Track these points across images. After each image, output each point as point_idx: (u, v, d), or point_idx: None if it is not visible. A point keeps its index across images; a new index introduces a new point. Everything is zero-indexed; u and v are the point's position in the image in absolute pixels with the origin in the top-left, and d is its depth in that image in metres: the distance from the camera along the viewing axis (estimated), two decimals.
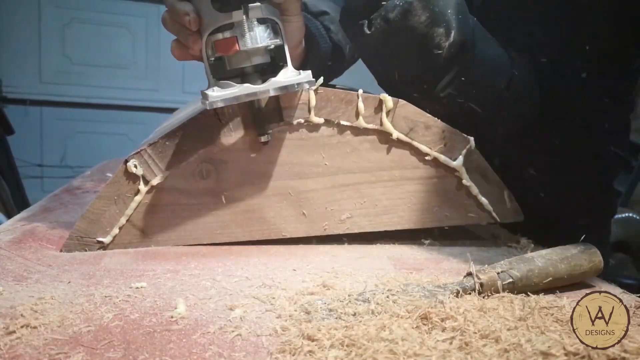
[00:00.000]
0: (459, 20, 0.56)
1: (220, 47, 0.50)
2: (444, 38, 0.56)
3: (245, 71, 0.51)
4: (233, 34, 0.49)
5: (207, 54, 0.51)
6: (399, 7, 0.54)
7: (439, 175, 0.58)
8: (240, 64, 0.51)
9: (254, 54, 0.50)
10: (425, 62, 0.57)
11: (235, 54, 0.50)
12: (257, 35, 0.49)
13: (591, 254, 0.45)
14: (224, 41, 0.49)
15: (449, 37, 0.55)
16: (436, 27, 0.55)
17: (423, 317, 0.35)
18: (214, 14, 0.49)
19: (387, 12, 0.55)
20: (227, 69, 0.51)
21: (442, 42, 0.56)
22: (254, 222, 0.56)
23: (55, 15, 2.80)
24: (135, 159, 0.52)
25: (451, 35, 0.55)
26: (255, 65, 0.51)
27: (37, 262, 0.47)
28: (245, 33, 0.49)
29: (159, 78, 3.03)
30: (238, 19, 0.49)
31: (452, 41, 0.56)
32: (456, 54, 0.57)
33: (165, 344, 0.32)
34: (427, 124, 0.56)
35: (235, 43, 0.49)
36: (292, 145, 0.55)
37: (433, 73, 0.58)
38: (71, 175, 2.48)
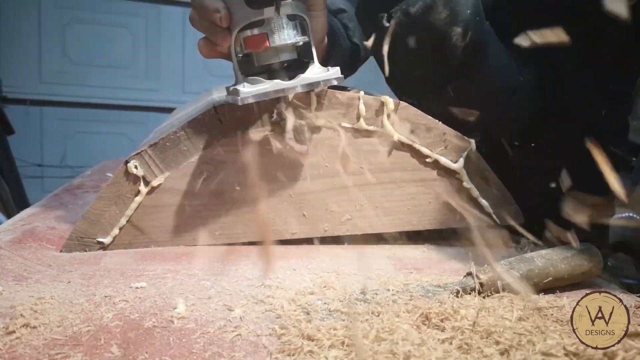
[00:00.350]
0: (476, 23, 0.56)
1: (250, 43, 0.50)
2: (461, 38, 0.55)
3: (272, 68, 0.51)
4: (263, 31, 0.49)
5: (235, 50, 0.51)
6: (421, 1, 0.54)
7: (439, 178, 0.58)
8: (268, 60, 0.51)
9: (282, 51, 0.51)
10: (439, 60, 0.57)
11: (264, 50, 0.50)
12: (286, 31, 0.50)
13: (591, 254, 0.45)
14: (254, 38, 0.50)
15: (465, 39, 0.56)
16: (455, 26, 0.55)
17: (423, 317, 0.35)
18: (245, 10, 0.49)
19: (409, 5, 0.55)
20: (255, 65, 0.51)
21: (458, 43, 0.56)
22: (254, 224, 0.56)
23: (55, 15, 2.80)
24: (135, 159, 0.52)
25: (467, 37, 0.55)
26: (283, 61, 0.51)
27: (37, 262, 0.47)
28: (275, 30, 0.49)
29: (159, 78, 3.03)
30: (269, 16, 0.49)
31: (468, 42, 0.56)
32: (470, 55, 0.57)
33: (165, 344, 0.32)
34: (428, 126, 0.56)
35: (266, 40, 0.49)
36: (293, 146, 0.55)
37: (446, 72, 0.58)
38: (71, 175, 2.48)
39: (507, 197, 0.60)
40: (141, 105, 2.99)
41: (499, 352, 0.30)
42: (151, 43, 2.98)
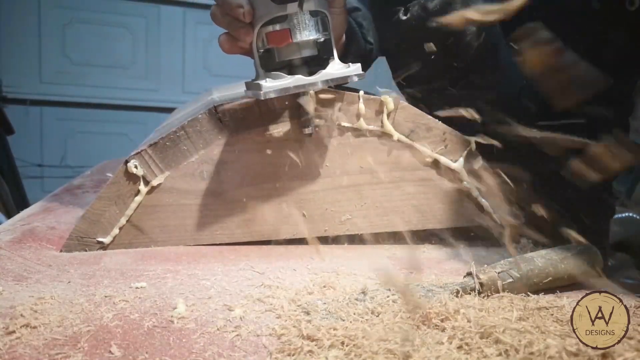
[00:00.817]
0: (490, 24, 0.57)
1: (273, 39, 0.50)
2: (475, 38, 0.56)
3: (293, 63, 0.51)
4: (286, 26, 0.49)
5: (257, 46, 0.51)
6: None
7: (439, 177, 0.58)
8: (290, 56, 0.51)
9: (304, 47, 0.51)
10: (452, 57, 0.57)
11: (286, 46, 0.50)
12: (309, 27, 0.50)
13: (591, 254, 0.45)
14: (277, 33, 0.50)
15: (479, 38, 0.56)
16: (471, 25, 0.55)
17: (423, 317, 0.35)
18: (268, 5, 0.49)
19: (427, 0, 0.55)
20: (276, 60, 0.51)
21: (472, 42, 0.56)
22: (254, 223, 0.56)
23: (55, 15, 2.80)
24: (135, 159, 0.52)
25: (482, 37, 0.56)
26: (304, 57, 0.51)
27: (37, 262, 0.47)
28: (298, 26, 0.49)
29: (159, 78, 3.03)
30: (292, 11, 0.49)
31: (481, 42, 0.56)
32: (482, 56, 0.57)
33: (165, 344, 0.32)
34: (428, 126, 0.56)
35: (289, 35, 0.49)
36: (293, 146, 0.55)
37: (456, 70, 0.58)
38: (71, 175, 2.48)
39: (507, 196, 0.59)
40: (141, 105, 2.99)
41: (499, 352, 0.30)
42: (151, 43, 2.98)
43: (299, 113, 0.54)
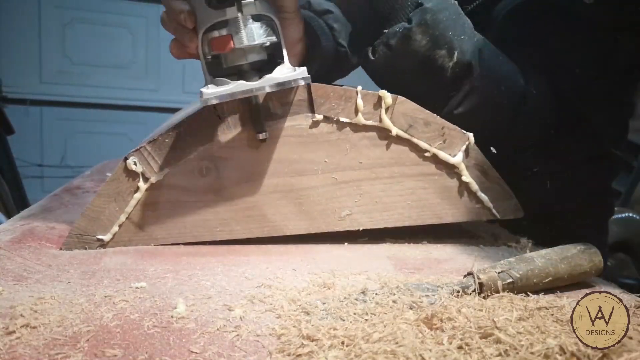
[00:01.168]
0: (462, 41, 0.57)
1: (215, 45, 0.50)
2: (447, 59, 0.57)
3: (242, 69, 0.51)
4: (228, 32, 0.49)
5: (204, 52, 0.51)
6: (399, 33, 0.56)
7: (438, 172, 0.58)
8: (236, 61, 0.51)
9: (250, 52, 0.50)
10: (431, 82, 0.58)
11: (231, 51, 0.50)
12: (252, 32, 0.49)
13: (591, 254, 0.45)
14: (219, 39, 0.50)
15: (452, 58, 0.57)
16: (438, 49, 0.56)
17: (423, 317, 0.35)
18: (207, 11, 0.49)
19: (389, 38, 0.56)
20: (224, 67, 0.51)
21: (445, 64, 0.57)
22: (254, 220, 0.56)
23: (55, 15, 2.80)
24: (134, 156, 0.52)
25: (454, 56, 0.57)
26: (252, 62, 0.51)
27: (36, 262, 0.47)
28: (239, 30, 0.49)
29: (159, 78, 3.03)
30: (232, 16, 0.49)
31: (455, 61, 0.57)
32: (462, 73, 0.58)
33: (165, 344, 0.32)
34: (426, 120, 0.56)
35: (230, 41, 0.49)
36: (292, 142, 0.55)
37: (441, 93, 0.59)
38: (71, 175, 2.48)
39: (507, 191, 0.60)
40: (141, 105, 3.00)
41: (499, 352, 0.30)
42: (151, 43, 2.99)
43: (251, 117, 0.53)
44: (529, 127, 0.65)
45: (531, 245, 0.59)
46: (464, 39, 0.58)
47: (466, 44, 0.58)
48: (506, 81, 0.62)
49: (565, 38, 0.65)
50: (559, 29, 0.65)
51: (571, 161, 0.71)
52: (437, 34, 0.56)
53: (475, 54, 0.59)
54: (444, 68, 0.57)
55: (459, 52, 0.57)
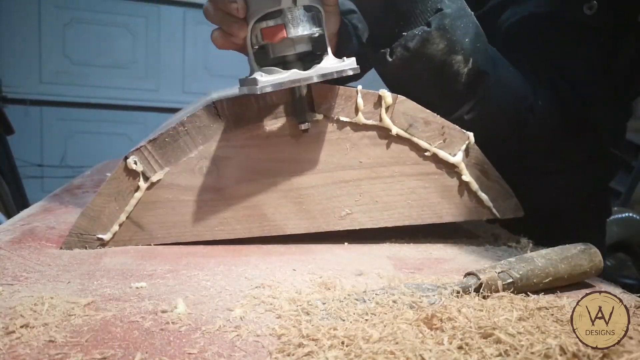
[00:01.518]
0: (477, 49, 0.59)
1: (267, 34, 0.50)
2: (463, 65, 0.58)
3: (287, 59, 0.51)
4: (280, 22, 0.49)
5: (251, 41, 0.51)
6: (418, 35, 0.57)
7: (438, 171, 0.58)
8: (284, 51, 0.51)
9: (298, 42, 0.51)
10: (446, 87, 0.59)
11: (281, 41, 0.50)
12: (304, 23, 0.50)
13: (591, 254, 0.45)
14: (271, 29, 0.50)
15: (467, 64, 0.58)
16: (454, 55, 0.57)
17: (423, 317, 0.35)
18: (262, 1, 0.49)
19: (407, 40, 0.57)
20: (270, 57, 0.52)
21: (461, 69, 0.58)
22: (254, 219, 0.56)
23: (55, 15, 2.80)
24: (135, 155, 0.52)
25: (470, 62, 0.58)
26: (298, 53, 0.51)
27: (36, 262, 0.47)
28: (292, 21, 0.49)
29: (159, 78, 3.03)
30: (287, 6, 0.49)
31: (470, 67, 0.58)
32: (475, 80, 0.59)
33: (164, 344, 0.32)
34: (426, 120, 0.56)
35: (283, 30, 0.49)
36: (292, 141, 0.55)
37: (454, 98, 0.60)
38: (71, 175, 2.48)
39: (507, 190, 0.60)
40: (141, 105, 3.00)
41: (499, 352, 0.30)
42: (151, 43, 2.99)
43: (295, 108, 0.54)
44: (535, 136, 0.66)
45: (531, 246, 0.59)
46: (479, 47, 0.59)
47: (481, 53, 0.59)
48: (516, 92, 0.64)
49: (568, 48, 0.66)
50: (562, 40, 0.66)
51: (572, 161, 0.72)
52: (454, 39, 0.57)
53: (489, 63, 0.60)
54: (459, 73, 0.58)
55: (474, 59, 0.58)
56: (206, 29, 2.32)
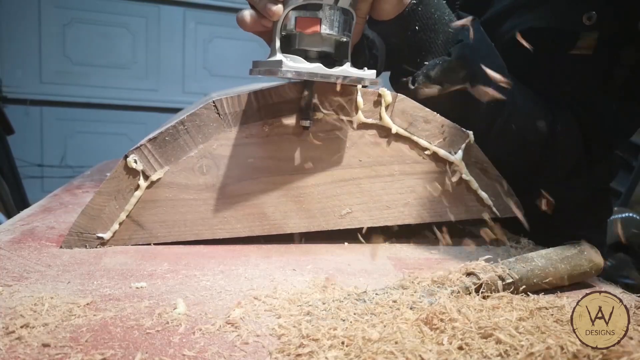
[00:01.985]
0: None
1: (301, 24, 0.50)
2: (483, 92, 0.59)
3: (309, 54, 0.52)
4: (316, 15, 0.50)
5: (280, 27, 0.51)
6: (439, 65, 0.58)
7: (438, 170, 0.58)
8: (310, 45, 0.51)
9: (326, 41, 0.52)
10: (466, 114, 0.60)
11: (311, 35, 0.51)
12: (339, 23, 0.51)
13: (591, 254, 0.45)
14: (307, 20, 0.50)
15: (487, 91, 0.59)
16: (474, 82, 0.58)
17: (423, 317, 0.35)
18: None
19: (429, 69, 0.59)
20: (294, 47, 0.52)
21: (481, 95, 0.59)
22: (254, 218, 0.56)
23: (55, 15, 2.80)
24: (135, 154, 0.52)
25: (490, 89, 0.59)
26: (322, 51, 0.52)
27: (36, 262, 0.47)
28: (328, 18, 0.50)
29: (159, 78, 3.03)
30: (328, 3, 0.50)
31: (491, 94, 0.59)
32: (496, 108, 0.60)
33: (164, 344, 0.32)
34: (426, 118, 0.56)
35: (318, 25, 0.50)
36: (292, 140, 0.55)
37: (475, 124, 0.60)
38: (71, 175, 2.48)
39: (507, 188, 0.60)
40: (141, 105, 3.00)
41: (499, 353, 0.30)
42: (151, 43, 2.99)
43: (299, 105, 0.54)
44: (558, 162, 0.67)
45: (531, 246, 0.59)
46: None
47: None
48: (534, 120, 0.65)
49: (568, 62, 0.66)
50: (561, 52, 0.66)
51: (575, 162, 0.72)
52: (475, 68, 0.58)
53: (508, 92, 0.61)
54: (479, 101, 0.59)
55: (494, 87, 0.59)
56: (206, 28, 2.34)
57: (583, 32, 0.63)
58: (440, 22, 0.60)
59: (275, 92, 0.53)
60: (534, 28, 0.67)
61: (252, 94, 0.53)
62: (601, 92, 0.67)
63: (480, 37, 0.60)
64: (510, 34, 0.71)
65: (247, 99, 0.53)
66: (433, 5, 0.60)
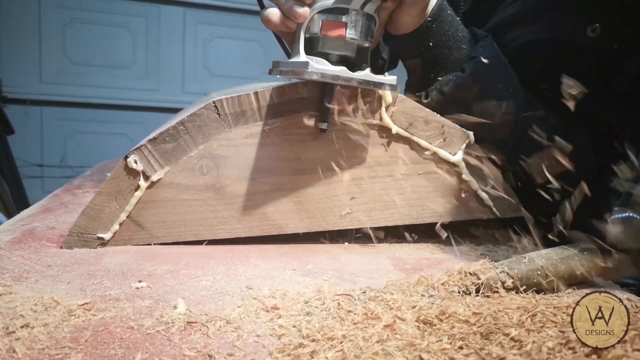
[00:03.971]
0: (510, 94, 0.60)
1: (327, 27, 0.51)
2: (496, 109, 0.59)
3: (331, 57, 0.52)
4: (341, 20, 0.50)
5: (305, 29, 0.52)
6: (452, 80, 0.59)
7: (438, 170, 0.58)
8: (333, 49, 0.52)
9: (349, 45, 0.52)
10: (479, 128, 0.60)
11: (335, 38, 0.51)
12: (363, 29, 0.51)
13: (591, 254, 0.45)
14: (333, 23, 0.51)
15: (500, 107, 0.59)
16: (487, 99, 0.59)
17: (423, 317, 0.35)
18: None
19: (442, 85, 0.60)
20: (316, 50, 0.52)
21: (495, 112, 0.59)
22: (254, 218, 0.56)
23: (55, 15, 2.80)
24: (135, 154, 0.52)
25: (503, 107, 0.59)
26: (343, 55, 0.52)
27: (36, 262, 0.47)
28: (353, 23, 0.51)
29: (159, 78, 3.03)
30: (354, 8, 0.50)
31: (504, 111, 0.60)
32: (509, 120, 0.60)
33: (164, 344, 0.32)
34: (426, 119, 0.56)
35: (343, 29, 0.50)
36: (292, 140, 0.55)
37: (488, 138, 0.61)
38: (71, 175, 2.48)
39: (507, 189, 0.60)
40: (141, 105, 3.00)
41: (499, 352, 0.30)
42: (151, 43, 2.99)
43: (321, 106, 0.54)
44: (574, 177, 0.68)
45: (531, 246, 0.59)
46: (512, 93, 0.61)
47: (514, 98, 0.61)
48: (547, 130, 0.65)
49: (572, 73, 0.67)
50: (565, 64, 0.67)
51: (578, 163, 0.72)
52: (487, 84, 0.59)
53: (521, 108, 0.62)
54: (493, 115, 0.59)
55: (507, 104, 0.60)
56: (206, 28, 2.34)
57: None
58: (454, 39, 0.61)
59: (276, 93, 0.53)
60: (537, 40, 0.68)
61: (253, 94, 0.53)
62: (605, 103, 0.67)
63: (495, 54, 0.61)
64: (513, 44, 0.71)
65: (247, 100, 0.53)
66: (447, 22, 0.61)
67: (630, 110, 0.69)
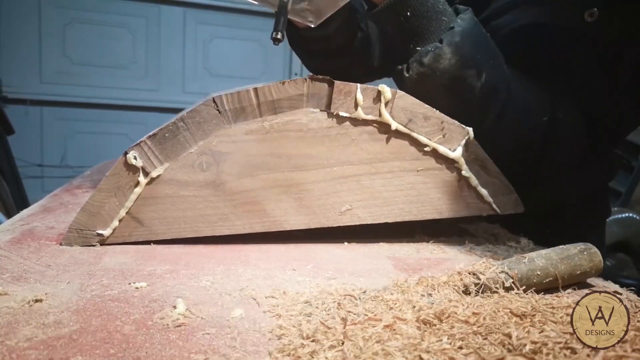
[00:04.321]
0: (490, 65, 0.60)
1: None
2: (476, 79, 0.59)
3: None
4: None
5: None
6: (431, 52, 0.59)
7: (438, 167, 0.58)
8: None
9: None
10: (461, 101, 0.61)
11: None
12: None
13: (591, 254, 0.45)
14: None
15: (480, 79, 0.59)
16: (467, 69, 0.59)
17: (423, 317, 0.35)
18: None
19: (422, 56, 0.59)
20: None
21: (474, 83, 0.59)
22: (254, 215, 0.56)
23: (55, 16, 2.80)
24: (135, 150, 0.52)
25: (482, 77, 0.59)
26: None
27: (36, 262, 0.47)
28: None
29: (159, 78, 3.03)
30: None
31: (483, 82, 0.59)
32: (490, 95, 0.60)
33: (164, 344, 0.32)
34: (425, 115, 0.56)
35: None
36: (291, 136, 0.55)
37: (471, 112, 0.61)
38: (71, 175, 2.48)
39: (507, 185, 0.60)
40: (141, 105, 3.00)
41: (500, 352, 0.30)
42: (151, 43, 2.99)
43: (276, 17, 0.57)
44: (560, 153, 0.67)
45: (531, 246, 0.59)
46: (492, 63, 0.61)
47: (494, 69, 0.61)
48: (533, 112, 0.65)
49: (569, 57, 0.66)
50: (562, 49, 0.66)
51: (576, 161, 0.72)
52: (466, 54, 0.58)
53: (502, 79, 0.61)
54: (473, 87, 0.59)
55: (487, 74, 0.59)
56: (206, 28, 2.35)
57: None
58: (433, 10, 0.60)
59: (275, 89, 0.53)
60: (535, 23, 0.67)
61: (252, 90, 0.53)
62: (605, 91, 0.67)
63: (473, 25, 0.60)
64: (510, 27, 0.70)
65: (247, 96, 0.53)
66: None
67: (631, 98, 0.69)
